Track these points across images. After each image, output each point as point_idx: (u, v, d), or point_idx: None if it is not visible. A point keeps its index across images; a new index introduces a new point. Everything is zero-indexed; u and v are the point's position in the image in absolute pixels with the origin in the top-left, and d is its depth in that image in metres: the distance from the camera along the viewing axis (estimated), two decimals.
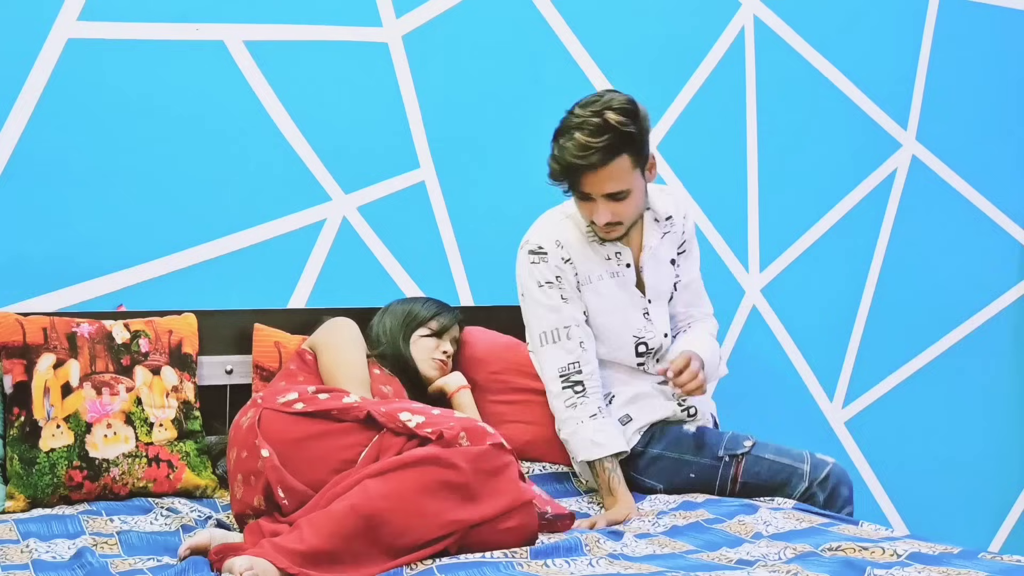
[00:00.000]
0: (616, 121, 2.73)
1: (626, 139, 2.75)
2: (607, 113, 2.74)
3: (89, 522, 2.53)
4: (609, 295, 2.92)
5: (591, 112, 2.76)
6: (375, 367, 2.90)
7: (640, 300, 2.96)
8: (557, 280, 2.90)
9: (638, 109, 2.79)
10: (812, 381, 3.99)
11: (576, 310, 2.90)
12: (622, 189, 2.79)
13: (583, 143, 2.73)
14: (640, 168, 2.82)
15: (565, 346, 2.87)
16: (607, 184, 2.78)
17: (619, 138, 2.74)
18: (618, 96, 2.80)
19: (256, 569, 2.06)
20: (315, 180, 3.36)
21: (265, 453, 2.37)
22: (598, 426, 2.81)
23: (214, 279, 3.24)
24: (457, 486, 2.20)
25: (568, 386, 2.86)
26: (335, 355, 2.77)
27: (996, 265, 4.26)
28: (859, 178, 4.05)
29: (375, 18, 3.42)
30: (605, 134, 2.73)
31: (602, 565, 2.15)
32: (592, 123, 2.74)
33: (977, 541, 4.09)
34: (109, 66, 3.14)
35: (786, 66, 3.92)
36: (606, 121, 2.73)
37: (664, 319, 2.99)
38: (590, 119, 2.75)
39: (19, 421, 2.73)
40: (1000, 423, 4.27)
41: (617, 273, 2.93)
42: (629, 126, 2.74)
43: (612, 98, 2.78)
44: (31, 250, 3.08)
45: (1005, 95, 4.23)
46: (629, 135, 2.75)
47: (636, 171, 2.81)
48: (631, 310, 2.94)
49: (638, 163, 2.81)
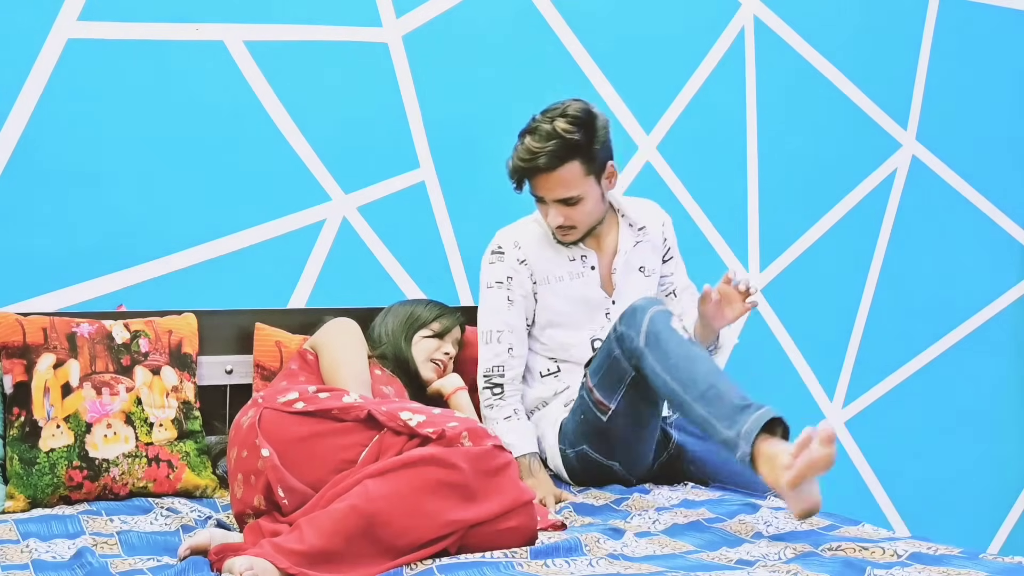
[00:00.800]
0: (563, 129, 2.86)
1: (573, 147, 2.87)
2: (557, 120, 2.88)
3: (89, 522, 2.53)
4: (568, 295, 3.03)
5: (545, 118, 2.91)
6: (376, 367, 2.90)
7: (604, 301, 3.05)
8: (508, 280, 3.02)
9: (593, 118, 2.91)
10: (812, 381, 3.99)
11: (516, 316, 3.02)
12: (572, 195, 2.92)
13: (531, 148, 2.89)
14: (594, 176, 2.94)
15: (494, 348, 3.01)
16: (557, 189, 2.91)
17: (566, 145, 2.87)
18: (576, 104, 2.92)
19: (256, 569, 2.06)
20: (315, 180, 3.36)
21: (265, 452, 2.37)
22: (511, 427, 2.94)
23: (214, 279, 3.24)
24: (457, 486, 2.20)
25: (488, 387, 3.01)
26: (336, 355, 2.77)
27: (996, 265, 4.26)
28: (859, 178, 4.05)
29: (375, 18, 3.42)
30: (552, 140, 2.87)
31: (602, 565, 2.15)
32: (543, 129, 2.89)
33: (977, 541, 4.10)
34: (109, 66, 3.14)
35: (786, 66, 3.92)
36: (554, 128, 2.87)
37: None
38: (542, 125, 2.90)
39: (19, 421, 2.73)
40: (1000, 423, 4.28)
41: (581, 274, 3.03)
42: (575, 134, 2.86)
43: (568, 106, 2.91)
44: (31, 250, 3.08)
45: (1005, 95, 4.23)
46: (576, 143, 2.87)
47: (589, 178, 2.93)
48: (592, 310, 3.04)
49: (591, 171, 2.92)
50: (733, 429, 2.44)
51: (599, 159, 2.93)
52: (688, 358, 2.61)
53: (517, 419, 2.98)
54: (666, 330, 2.67)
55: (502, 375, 3.01)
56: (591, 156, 2.90)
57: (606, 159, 2.96)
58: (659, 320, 2.69)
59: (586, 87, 3.66)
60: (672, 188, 3.77)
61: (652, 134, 3.76)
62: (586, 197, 2.93)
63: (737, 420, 2.44)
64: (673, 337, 2.65)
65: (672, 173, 3.78)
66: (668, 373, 2.62)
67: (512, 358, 3.01)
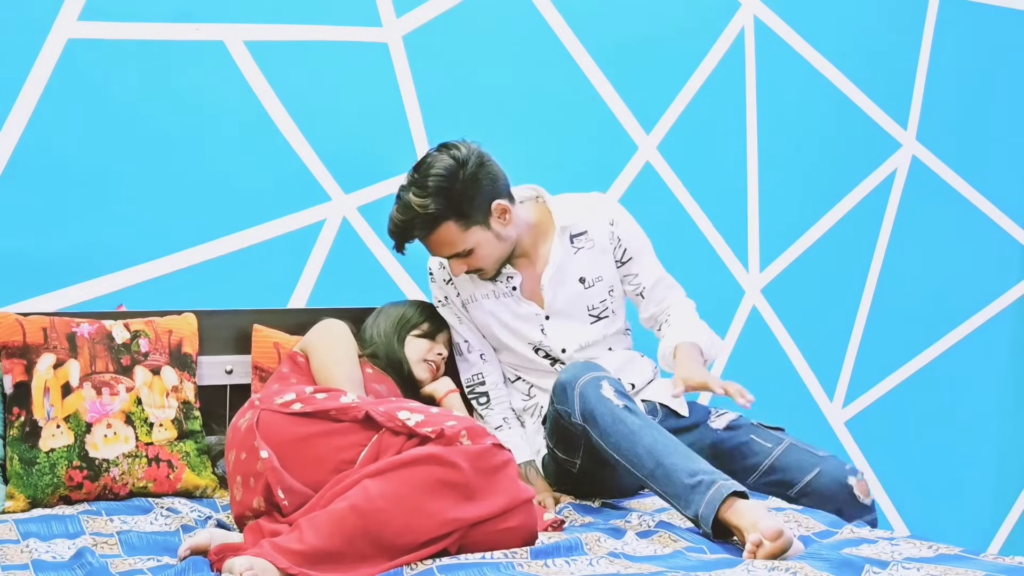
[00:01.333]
0: (417, 204, 2.75)
1: (435, 217, 2.76)
2: (411, 193, 2.76)
3: (89, 522, 2.52)
4: (496, 311, 2.95)
5: (404, 185, 2.80)
6: (367, 366, 2.89)
7: (536, 317, 2.94)
8: (446, 299, 3.01)
9: (453, 179, 2.75)
10: (812, 381, 3.99)
11: (468, 329, 3.00)
12: (459, 251, 2.82)
13: (396, 220, 2.80)
14: (478, 224, 2.80)
15: (468, 359, 3.01)
16: (441, 247, 2.83)
17: (427, 216, 2.76)
18: (436, 163, 2.76)
19: (256, 569, 2.06)
20: (315, 180, 3.36)
21: (264, 454, 2.36)
22: (502, 437, 2.86)
23: (214, 279, 3.24)
24: (457, 485, 2.20)
25: (474, 397, 3.01)
26: (326, 355, 2.77)
27: (996, 265, 4.26)
28: (859, 178, 4.05)
29: (375, 18, 3.42)
30: (410, 213, 2.77)
31: (602, 564, 2.15)
32: (403, 200, 2.79)
33: (977, 541, 4.09)
34: (109, 66, 3.14)
35: (786, 66, 3.92)
36: (408, 202, 2.76)
37: (566, 334, 2.94)
38: (402, 194, 2.80)
39: (19, 421, 2.72)
40: (1000, 423, 4.28)
41: (505, 293, 2.94)
42: (430, 206, 2.74)
43: (428, 169, 2.76)
44: (31, 250, 3.08)
45: (1005, 95, 4.23)
46: (434, 214, 2.75)
47: (472, 229, 2.80)
48: (524, 326, 2.94)
49: (470, 224, 2.79)
50: (690, 510, 2.40)
51: (477, 209, 2.78)
52: (628, 435, 2.52)
53: (508, 427, 2.97)
54: (599, 405, 2.55)
55: (483, 383, 3.00)
56: (462, 214, 2.77)
57: (488, 203, 2.80)
58: (589, 394, 2.57)
59: (586, 87, 3.66)
60: (672, 188, 3.77)
61: (652, 134, 3.76)
62: (477, 246, 2.82)
63: (691, 501, 2.39)
64: (607, 412, 2.55)
65: (672, 173, 3.78)
66: (613, 450, 2.54)
67: (486, 363, 3.00)
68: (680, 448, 2.49)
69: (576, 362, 2.75)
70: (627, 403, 2.57)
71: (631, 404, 2.58)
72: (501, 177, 2.86)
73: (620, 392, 2.60)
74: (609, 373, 2.69)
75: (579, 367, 2.68)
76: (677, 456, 2.46)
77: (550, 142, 3.60)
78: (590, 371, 2.64)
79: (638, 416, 2.55)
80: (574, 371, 2.65)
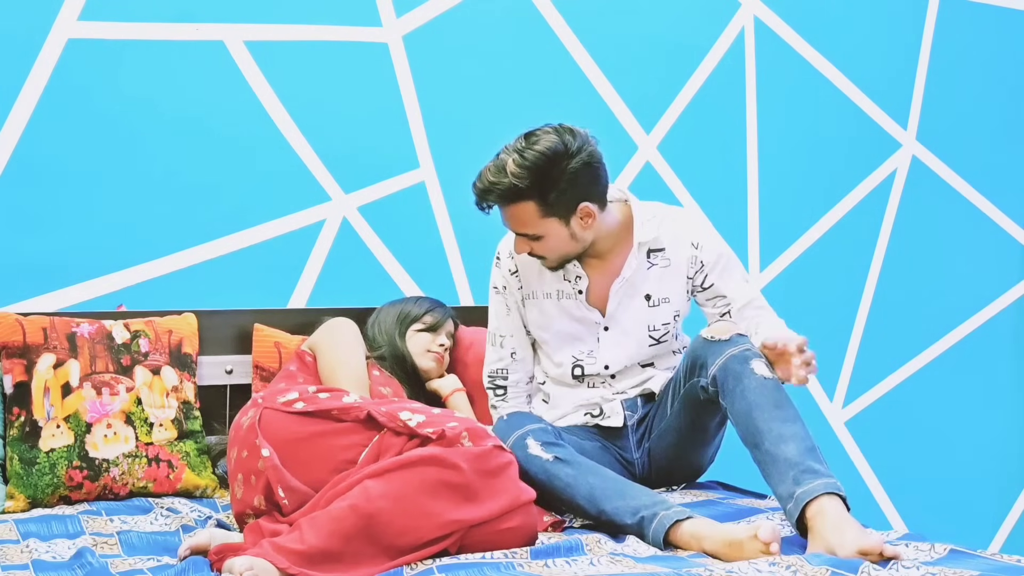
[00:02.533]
0: (512, 171, 2.65)
1: (520, 191, 2.66)
2: (511, 159, 2.66)
3: (89, 522, 2.52)
4: (553, 314, 2.88)
5: (508, 150, 2.70)
6: (374, 368, 2.90)
7: (595, 325, 2.86)
8: (504, 289, 2.94)
9: (553, 163, 2.65)
10: (812, 381, 3.98)
11: (514, 322, 2.94)
12: (528, 232, 2.74)
13: (486, 178, 2.70)
14: (558, 218, 2.71)
15: (498, 352, 2.97)
16: (511, 221, 2.75)
17: (512, 188, 2.66)
18: (544, 141, 2.67)
19: (256, 569, 2.06)
20: (315, 180, 3.36)
21: (266, 453, 2.37)
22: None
23: (214, 279, 3.24)
24: (457, 486, 2.20)
25: (492, 388, 2.99)
26: (334, 355, 2.77)
27: (996, 265, 4.26)
28: (859, 178, 4.05)
29: (375, 18, 3.42)
30: (503, 179, 2.67)
31: (603, 564, 2.15)
32: (500, 161, 2.69)
33: (977, 541, 4.09)
34: (109, 66, 3.14)
35: (786, 66, 3.92)
36: (502, 165, 2.67)
37: (618, 351, 2.87)
38: (501, 156, 2.70)
39: (19, 421, 2.72)
40: (1000, 423, 4.28)
41: (570, 295, 2.87)
42: (523, 180, 2.64)
43: (535, 142, 2.67)
44: (31, 250, 3.08)
45: (1005, 95, 4.23)
46: (520, 189, 2.66)
47: (549, 220, 2.71)
48: (580, 333, 2.87)
49: (549, 213, 2.70)
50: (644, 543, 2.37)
51: (562, 203, 2.69)
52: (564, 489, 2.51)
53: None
54: (529, 465, 2.52)
55: (505, 378, 2.97)
56: (547, 201, 2.68)
57: (576, 202, 2.70)
58: (519, 456, 2.48)
59: (586, 87, 3.66)
60: (672, 188, 3.77)
61: (652, 134, 3.76)
62: (547, 236, 2.74)
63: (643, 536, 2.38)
64: (539, 470, 2.53)
65: (672, 173, 3.78)
66: (558, 503, 2.54)
67: (515, 361, 2.95)
68: (617, 486, 2.48)
69: (501, 418, 2.72)
70: (557, 453, 2.56)
71: (562, 452, 2.56)
72: (601, 183, 2.75)
73: (548, 443, 2.58)
74: (538, 422, 2.66)
75: (503, 426, 2.65)
76: (616, 498, 2.45)
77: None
78: (515, 429, 2.62)
79: (570, 465, 2.53)
80: (499, 431, 2.63)
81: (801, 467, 2.35)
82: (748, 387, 2.51)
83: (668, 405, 2.77)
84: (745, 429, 2.49)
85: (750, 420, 2.47)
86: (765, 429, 2.45)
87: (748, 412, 2.48)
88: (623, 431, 2.85)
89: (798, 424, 2.47)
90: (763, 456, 2.43)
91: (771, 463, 2.41)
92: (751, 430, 2.47)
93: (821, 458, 2.40)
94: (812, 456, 2.39)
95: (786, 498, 2.35)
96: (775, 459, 2.40)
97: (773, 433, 2.43)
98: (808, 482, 2.32)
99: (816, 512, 2.28)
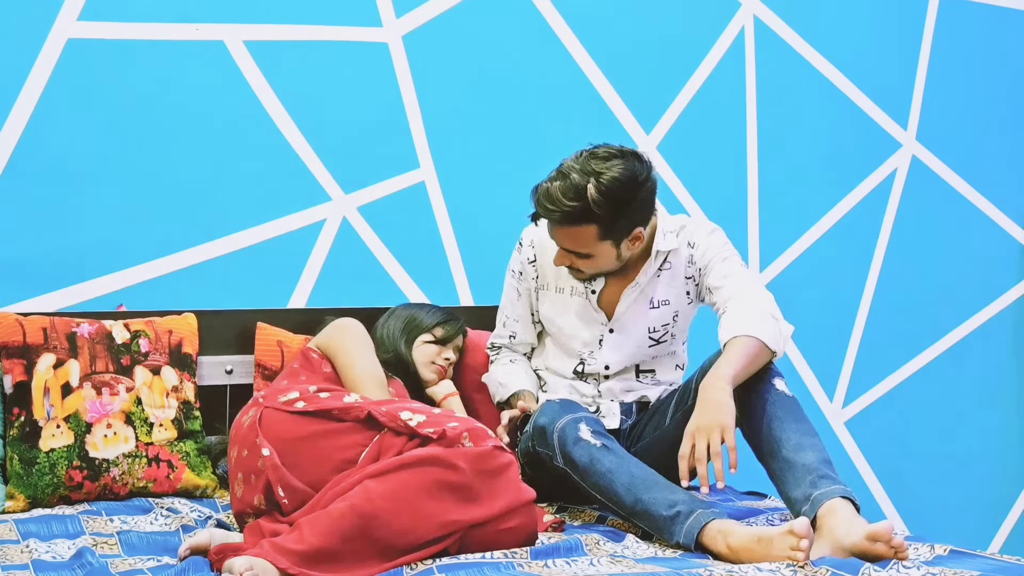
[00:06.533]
0: (592, 197, 2.62)
1: (593, 216, 2.65)
2: (591, 183, 2.62)
3: (89, 522, 2.53)
4: (563, 309, 2.91)
5: (584, 169, 2.64)
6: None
7: (600, 327, 2.88)
8: (520, 275, 2.99)
9: (631, 192, 2.65)
10: (812, 381, 3.99)
11: (523, 308, 3.00)
12: (580, 251, 2.74)
13: (553, 196, 2.65)
14: (612, 241, 2.72)
15: (500, 331, 3.08)
16: (566, 240, 2.74)
17: (586, 211, 2.64)
18: (617, 166, 2.65)
19: (256, 569, 2.06)
20: (315, 180, 3.36)
21: (266, 452, 2.37)
22: (505, 370, 3.00)
23: (214, 279, 3.24)
24: (457, 486, 2.20)
25: (491, 350, 3.10)
26: (352, 358, 2.75)
27: (996, 265, 4.26)
28: (859, 178, 4.05)
29: (375, 18, 3.42)
30: (576, 201, 2.63)
31: (604, 564, 2.15)
32: (572, 181, 2.64)
33: (977, 541, 4.09)
34: (109, 66, 3.14)
35: (786, 66, 3.92)
36: (584, 189, 2.63)
37: (618, 354, 2.88)
38: (572, 175, 2.64)
39: (19, 421, 2.73)
40: (1000, 423, 4.28)
41: (581, 294, 2.89)
42: (603, 207, 2.63)
43: (611, 167, 2.64)
44: (31, 250, 3.08)
45: (1005, 95, 4.23)
46: (596, 216, 2.64)
47: (605, 243, 2.72)
48: (585, 332, 2.89)
49: (607, 236, 2.70)
50: (672, 540, 2.39)
51: (622, 228, 2.70)
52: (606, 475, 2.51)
53: (512, 363, 3.02)
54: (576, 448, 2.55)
55: (501, 348, 3.08)
56: (612, 227, 2.68)
57: (633, 226, 2.72)
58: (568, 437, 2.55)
59: (586, 87, 3.66)
60: (672, 188, 3.77)
61: (652, 134, 3.76)
62: (596, 256, 2.74)
63: (673, 532, 2.38)
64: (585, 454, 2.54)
65: (672, 173, 3.77)
66: (594, 490, 2.54)
67: (513, 341, 3.04)
68: (659, 480, 2.49)
69: (552, 401, 2.72)
70: (605, 442, 2.57)
71: (609, 442, 2.58)
72: (653, 206, 2.79)
73: (597, 432, 2.60)
74: (587, 412, 2.69)
75: (555, 408, 2.66)
76: (656, 489, 2.46)
77: (550, 142, 3.59)
78: (567, 413, 2.63)
79: (616, 454, 2.55)
80: (551, 413, 2.64)
81: (819, 473, 2.40)
82: (769, 400, 2.57)
83: (667, 415, 2.78)
84: (762, 438, 2.53)
85: (769, 430, 2.53)
86: (784, 438, 2.50)
87: (768, 422, 2.54)
88: (615, 433, 2.85)
89: (816, 438, 2.52)
90: (780, 464, 2.47)
91: (788, 469, 2.45)
92: (769, 439, 2.52)
93: (835, 471, 2.44)
94: (829, 467, 2.44)
95: (802, 500, 2.38)
96: (792, 465, 2.44)
97: (792, 442, 2.49)
98: (825, 487, 2.37)
99: (827, 511, 2.31)
